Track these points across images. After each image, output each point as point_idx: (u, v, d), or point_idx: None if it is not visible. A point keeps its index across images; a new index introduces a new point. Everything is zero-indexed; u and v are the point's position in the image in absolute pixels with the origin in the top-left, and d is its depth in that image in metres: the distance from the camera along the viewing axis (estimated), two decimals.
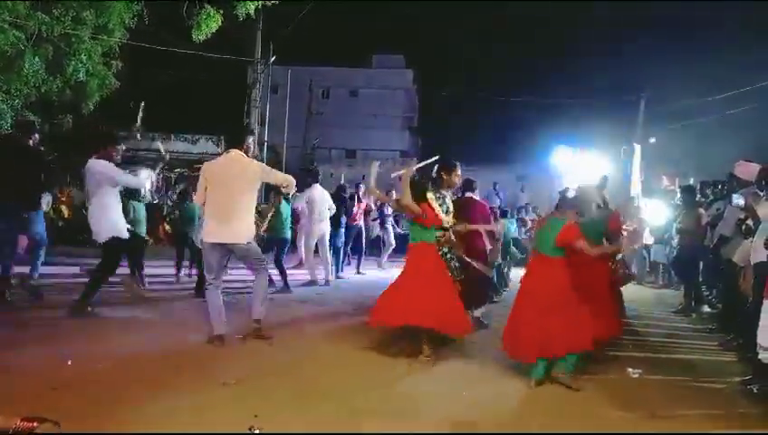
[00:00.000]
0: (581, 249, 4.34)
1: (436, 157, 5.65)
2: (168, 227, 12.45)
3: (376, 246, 13.20)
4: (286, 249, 8.97)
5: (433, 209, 5.07)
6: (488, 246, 6.29)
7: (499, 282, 9.26)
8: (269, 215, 8.35)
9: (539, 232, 4.62)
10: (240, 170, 5.07)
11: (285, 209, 8.73)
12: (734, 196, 5.95)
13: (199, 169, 5.35)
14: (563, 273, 4.36)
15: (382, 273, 11.23)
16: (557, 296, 4.30)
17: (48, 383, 3.62)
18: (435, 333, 4.83)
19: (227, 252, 5.17)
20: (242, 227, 5.08)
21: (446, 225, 5.23)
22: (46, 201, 6.80)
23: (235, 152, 5.14)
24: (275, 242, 8.55)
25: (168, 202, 9.79)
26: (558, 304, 4.28)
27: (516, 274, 11.83)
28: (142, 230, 7.86)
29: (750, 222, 5.10)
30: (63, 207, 14.60)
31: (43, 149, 6.82)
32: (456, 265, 5.42)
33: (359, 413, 3.52)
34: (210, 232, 5.05)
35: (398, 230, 12.80)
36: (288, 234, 8.91)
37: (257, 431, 3.03)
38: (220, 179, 5.04)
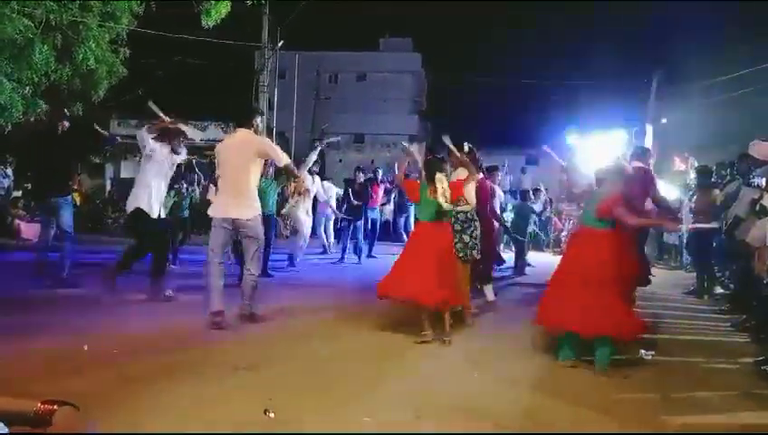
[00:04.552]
0: (620, 217, 4.29)
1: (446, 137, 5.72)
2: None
3: (384, 231, 13.24)
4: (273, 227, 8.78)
5: (436, 190, 5.09)
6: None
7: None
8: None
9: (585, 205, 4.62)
10: (244, 147, 5.21)
11: (269, 187, 8.50)
12: (756, 175, 5.89)
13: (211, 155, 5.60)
14: (609, 246, 4.31)
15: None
16: (598, 270, 4.23)
17: (65, 368, 3.67)
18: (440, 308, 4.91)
19: (233, 230, 5.21)
20: (245, 204, 5.18)
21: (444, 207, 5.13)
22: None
23: (242, 131, 5.31)
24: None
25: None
26: (597, 278, 4.21)
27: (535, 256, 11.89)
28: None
29: (765, 202, 5.04)
30: (76, 195, 14.73)
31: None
32: (475, 243, 5.65)
33: (370, 398, 3.54)
34: (218, 207, 5.20)
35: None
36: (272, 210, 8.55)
37: (272, 415, 3.06)
38: (226, 157, 5.22)
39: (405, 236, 12.33)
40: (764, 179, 5.40)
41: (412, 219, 12.37)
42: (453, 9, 47.94)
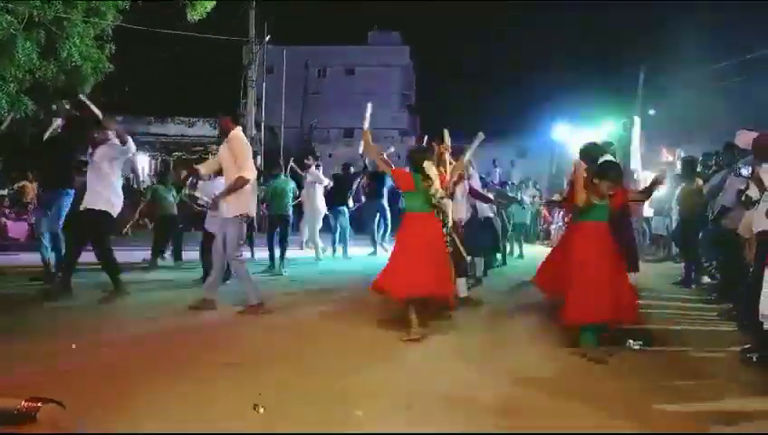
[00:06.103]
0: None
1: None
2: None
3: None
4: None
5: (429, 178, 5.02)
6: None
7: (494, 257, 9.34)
8: None
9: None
10: None
11: (286, 186, 8.69)
12: (741, 165, 5.93)
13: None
14: (611, 237, 4.65)
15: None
16: (612, 261, 4.57)
17: (53, 368, 3.64)
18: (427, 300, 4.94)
19: None
20: None
21: (438, 194, 5.06)
22: None
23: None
24: (280, 219, 8.58)
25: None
26: (609, 269, 4.52)
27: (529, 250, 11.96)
28: None
29: (751, 192, 5.07)
30: None
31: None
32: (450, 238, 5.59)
33: (359, 394, 3.54)
34: (253, 204, 5.47)
35: None
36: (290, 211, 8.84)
37: (261, 410, 3.06)
38: (250, 155, 5.52)
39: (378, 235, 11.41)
40: (747, 169, 5.44)
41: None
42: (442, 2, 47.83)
